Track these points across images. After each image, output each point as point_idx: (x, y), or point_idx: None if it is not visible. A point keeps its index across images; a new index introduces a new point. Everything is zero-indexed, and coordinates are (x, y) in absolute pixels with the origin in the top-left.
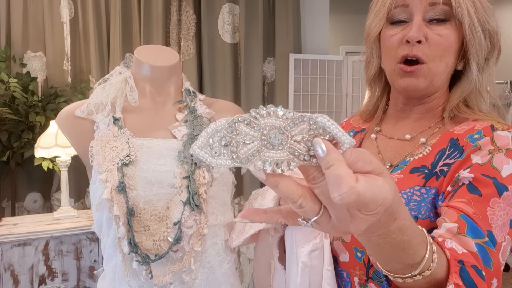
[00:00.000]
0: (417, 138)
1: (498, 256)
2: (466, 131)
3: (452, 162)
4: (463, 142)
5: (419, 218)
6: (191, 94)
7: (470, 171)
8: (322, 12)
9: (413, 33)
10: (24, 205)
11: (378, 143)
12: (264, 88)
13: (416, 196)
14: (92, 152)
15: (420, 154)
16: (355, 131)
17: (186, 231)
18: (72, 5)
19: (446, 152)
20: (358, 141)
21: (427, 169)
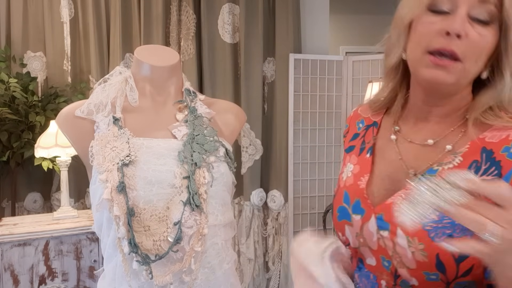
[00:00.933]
0: (440, 144)
1: None
2: (501, 142)
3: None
4: (500, 156)
5: (455, 237)
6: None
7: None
8: (322, 12)
9: (457, 25)
10: (24, 205)
11: (399, 147)
12: (264, 88)
13: None
14: (92, 152)
15: (450, 164)
16: (365, 124)
17: (186, 231)
18: (72, 5)
19: (482, 166)
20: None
21: None
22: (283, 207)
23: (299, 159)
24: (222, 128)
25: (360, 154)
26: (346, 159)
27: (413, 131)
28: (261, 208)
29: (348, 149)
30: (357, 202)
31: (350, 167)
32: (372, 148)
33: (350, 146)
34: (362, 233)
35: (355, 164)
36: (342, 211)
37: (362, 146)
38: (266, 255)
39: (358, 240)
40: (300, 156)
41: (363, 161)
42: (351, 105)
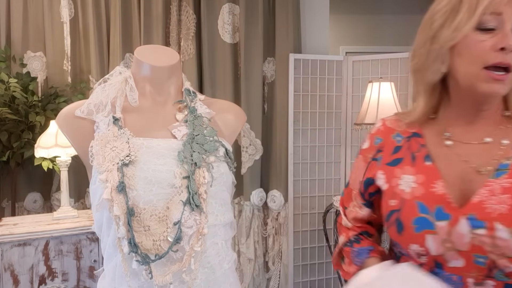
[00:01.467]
0: (497, 141)
1: None
2: None
3: None
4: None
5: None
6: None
7: None
8: (322, 12)
9: (510, 41)
10: (24, 205)
11: (457, 150)
12: (264, 88)
13: None
14: (92, 152)
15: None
16: (403, 136)
17: (186, 231)
18: (72, 5)
19: None
20: (417, 146)
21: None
22: (283, 207)
23: (299, 159)
24: (222, 128)
25: (414, 164)
26: (395, 172)
27: (467, 133)
28: (261, 208)
29: (394, 162)
30: (439, 209)
31: (409, 178)
32: (428, 156)
33: (396, 159)
34: (450, 237)
35: (415, 174)
36: (421, 221)
37: (412, 156)
38: (266, 255)
39: (444, 246)
40: (300, 156)
41: (426, 169)
42: (351, 105)
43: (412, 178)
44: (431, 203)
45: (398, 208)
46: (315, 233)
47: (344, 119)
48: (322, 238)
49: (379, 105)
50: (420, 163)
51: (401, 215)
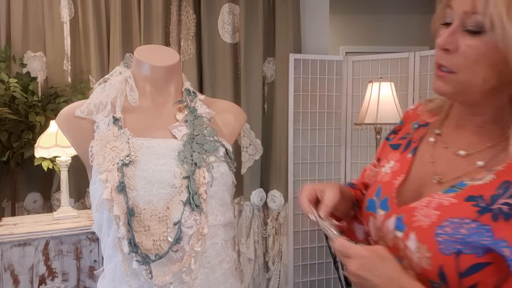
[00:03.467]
0: (473, 157)
1: None
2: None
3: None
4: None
5: (463, 253)
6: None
7: None
8: (322, 12)
9: (439, 40)
10: (24, 205)
11: (434, 151)
12: (264, 88)
13: (464, 229)
14: (92, 152)
15: (481, 180)
16: (419, 124)
17: (186, 231)
18: (72, 5)
19: (510, 188)
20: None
21: (483, 202)
22: (283, 207)
23: (299, 159)
24: (222, 128)
25: (403, 152)
26: (390, 155)
27: (452, 137)
28: (261, 208)
29: (395, 146)
30: (385, 199)
31: (391, 163)
32: (416, 148)
33: (397, 144)
34: (382, 228)
35: (396, 161)
36: (371, 203)
37: (407, 145)
38: (266, 255)
39: (378, 234)
40: (300, 156)
41: (404, 160)
42: (351, 105)
43: (392, 164)
44: (385, 192)
45: (370, 186)
46: (315, 233)
47: (344, 119)
48: (322, 238)
49: (379, 105)
50: (406, 153)
51: (367, 192)
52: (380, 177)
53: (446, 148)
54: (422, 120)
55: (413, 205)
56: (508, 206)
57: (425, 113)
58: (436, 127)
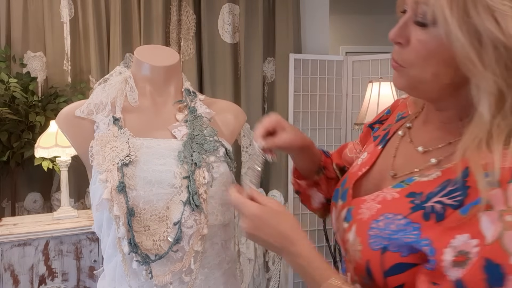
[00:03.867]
0: (430, 154)
1: None
2: (485, 166)
3: (449, 204)
4: (472, 181)
5: (389, 250)
6: (191, 94)
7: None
8: (322, 12)
9: (390, 33)
10: (24, 205)
11: (400, 145)
12: (264, 88)
13: (394, 225)
14: (92, 152)
15: (427, 177)
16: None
17: (186, 231)
18: (72, 5)
19: (449, 187)
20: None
21: (419, 199)
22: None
23: None
24: (222, 128)
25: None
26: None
27: (419, 131)
28: None
29: (375, 137)
30: (346, 190)
31: (364, 154)
32: (387, 141)
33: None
34: (338, 219)
35: (368, 153)
36: (336, 193)
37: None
38: (266, 255)
39: (336, 225)
40: None
41: (374, 152)
42: (351, 105)
43: (364, 155)
44: (348, 182)
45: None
46: (315, 233)
47: (344, 119)
48: (322, 238)
49: (379, 105)
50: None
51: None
52: (351, 168)
53: (410, 142)
54: (406, 111)
55: (364, 198)
56: (441, 205)
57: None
58: (409, 121)
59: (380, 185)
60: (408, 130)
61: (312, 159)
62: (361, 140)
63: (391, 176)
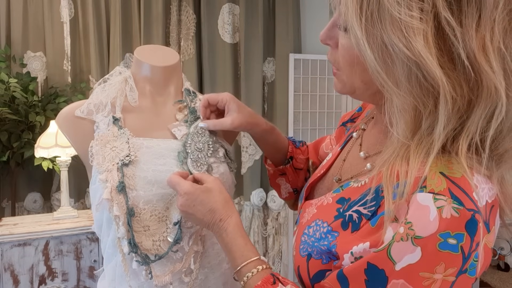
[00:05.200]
0: (369, 159)
1: None
2: (397, 176)
3: (364, 214)
4: (386, 190)
5: (312, 257)
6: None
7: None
8: (322, 12)
9: (320, 34)
10: (24, 205)
11: (352, 148)
12: (264, 88)
13: (318, 232)
14: (92, 152)
15: (358, 183)
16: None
17: (186, 232)
18: (72, 5)
19: (368, 196)
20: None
21: (343, 207)
22: (283, 207)
23: None
24: None
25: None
26: (335, 148)
27: (369, 134)
28: (261, 208)
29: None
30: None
31: (329, 155)
32: (346, 142)
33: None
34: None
35: (332, 154)
36: (301, 194)
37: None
38: (266, 255)
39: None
40: None
41: (334, 154)
42: (351, 105)
43: (329, 156)
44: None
45: None
46: None
47: None
48: None
49: None
50: (340, 144)
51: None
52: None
53: (360, 146)
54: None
55: (310, 202)
56: (358, 214)
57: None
58: (364, 122)
59: (330, 188)
60: (362, 132)
61: (274, 146)
62: (336, 139)
63: (336, 180)
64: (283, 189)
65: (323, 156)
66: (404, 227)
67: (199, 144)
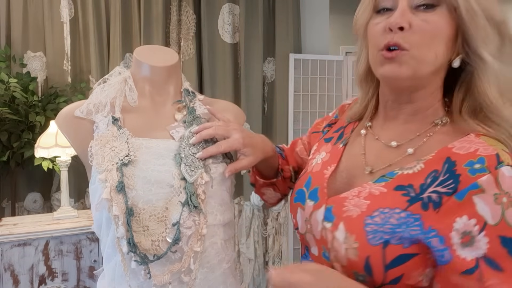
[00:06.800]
0: (403, 147)
1: None
2: (467, 155)
3: (444, 192)
4: (461, 169)
5: (391, 244)
6: (190, 94)
7: (485, 234)
8: (322, 12)
9: (394, 18)
10: (24, 205)
11: (366, 142)
12: (264, 88)
13: (394, 219)
14: (92, 152)
15: (411, 169)
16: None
17: (185, 232)
18: (72, 5)
19: (440, 177)
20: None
21: (413, 192)
22: (283, 207)
23: None
24: None
25: (335, 144)
26: (323, 147)
27: (382, 129)
28: (261, 208)
29: (328, 139)
30: (315, 189)
31: (322, 154)
32: (346, 139)
33: (331, 137)
34: (310, 219)
35: (327, 152)
36: (299, 193)
37: (339, 136)
38: (266, 255)
39: (306, 226)
40: None
41: (335, 151)
42: None
43: (323, 155)
44: (315, 182)
45: (299, 177)
46: None
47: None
48: None
49: None
50: (337, 144)
51: (296, 183)
52: (311, 168)
53: (377, 139)
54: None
55: (344, 195)
56: (437, 194)
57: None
58: (367, 120)
59: (352, 182)
60: (370, 129)
61: (271, 166)
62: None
63: (368, 172)
64: (268, 197)
65: (299, 161)
66: (506, 197)
67: (193, 149)
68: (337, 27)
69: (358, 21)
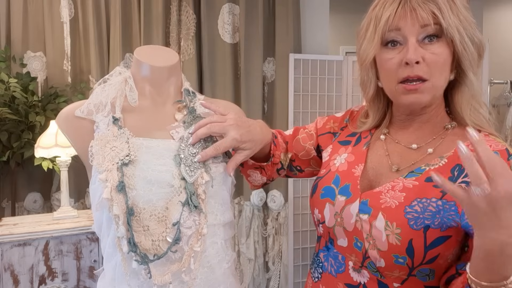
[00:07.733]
0: (423, 148)
1: None
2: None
3: None
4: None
5: (431, 227)
6: (191, 94)
7: None
8: (322, 12)
9: (410, 55)
10: (24, 205)
11: (387, 145)
12: (264, 88)
13: (432, 207)
14: (92, 152)
15: (436, 165)
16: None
17: (185, 232)
18: (72, 5)
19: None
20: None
21: None
22: (283, 207)
23: None
24: None
25: (356, 145)
26: (340, 149)
27: (399, 135)
28: (261, 208)
29: (344, 142)
30: (346, 186)
31: (344, 155)
32: (368, 142)
33: (347, 141)
34: (342, 213)
35: (350, 153)
36: (328, 190)
37: (358, 139)
38: (266, 255)
39: (336, 219)
40: None
41: (359, 152)
42: (351, 105)
43: (345, 155)
44: (344, 179)
45: (322, 176)
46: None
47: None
48: None
49: None
50: (359, 146)
51: (319, 181)
52: (335, 168)
53: (397, 143)
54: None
55: (378, 190)
56: (465, 184)
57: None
58: (385, 128)
59: (378, 180)
60: (388, 135)
61: (263, 151)
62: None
63: (395, 170)
64: (254, 179)
65: (299, 148)
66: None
67: (193, 150)
68: (337, 27)
69: (364, 54)
